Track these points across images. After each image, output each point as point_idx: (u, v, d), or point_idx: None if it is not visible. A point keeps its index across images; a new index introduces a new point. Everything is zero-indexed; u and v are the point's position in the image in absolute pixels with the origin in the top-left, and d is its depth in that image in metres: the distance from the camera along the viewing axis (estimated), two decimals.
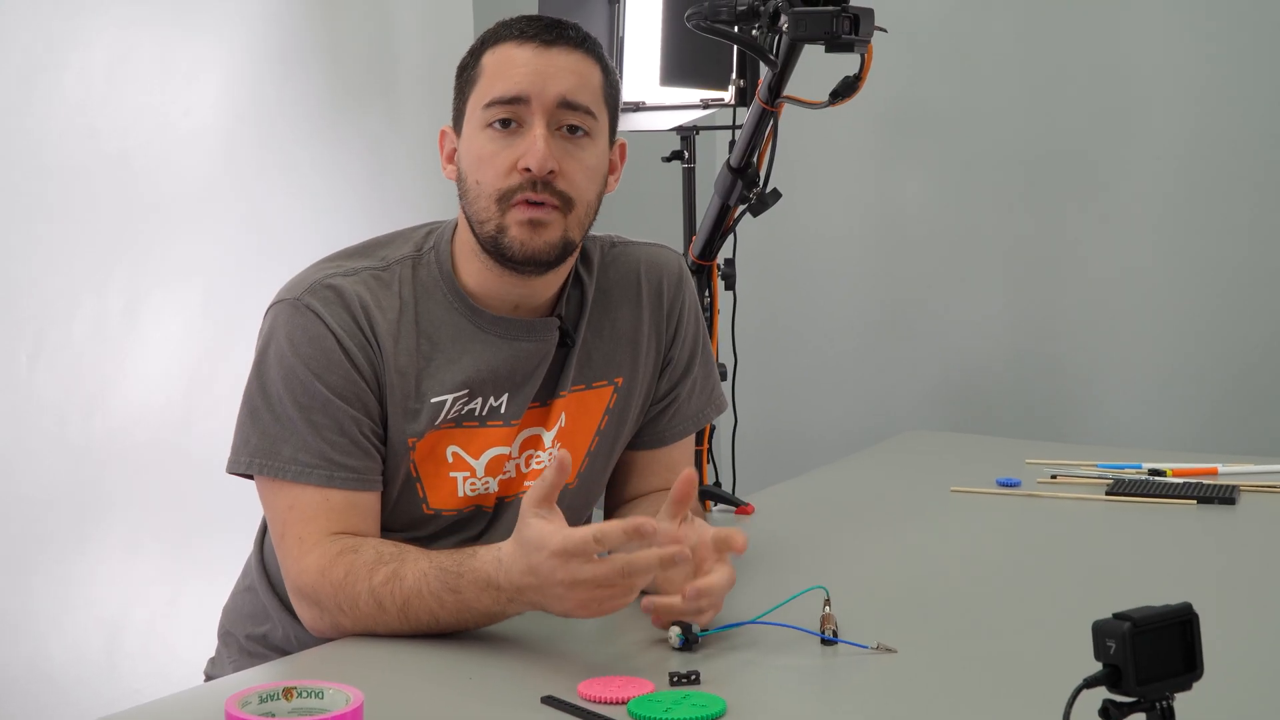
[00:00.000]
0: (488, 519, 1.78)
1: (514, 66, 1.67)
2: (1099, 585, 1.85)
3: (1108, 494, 2.28)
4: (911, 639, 1.63)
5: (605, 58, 1.74)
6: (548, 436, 1.79)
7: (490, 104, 1.67)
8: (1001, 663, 1.56)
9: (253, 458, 1.68)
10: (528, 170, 1.65)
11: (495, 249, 1.69)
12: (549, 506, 1.50)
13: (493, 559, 1.53)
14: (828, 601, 1.60)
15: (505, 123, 1.67)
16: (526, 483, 1.79)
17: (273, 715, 1.22)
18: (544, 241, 1.68)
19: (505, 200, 1.67)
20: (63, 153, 2.75)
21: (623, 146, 1.81)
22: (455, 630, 1.59)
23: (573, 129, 1.68)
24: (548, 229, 1.67)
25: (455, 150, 1.74)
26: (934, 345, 3.86)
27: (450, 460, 1.74)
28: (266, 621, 1.87)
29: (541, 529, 1.48)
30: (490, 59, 1.69)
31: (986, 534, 2.13)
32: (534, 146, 1.65)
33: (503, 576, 1.52)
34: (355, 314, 1.68)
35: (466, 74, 1.72)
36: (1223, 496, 2.24)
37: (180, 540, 2.96)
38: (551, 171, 1.66)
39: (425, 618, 1.57)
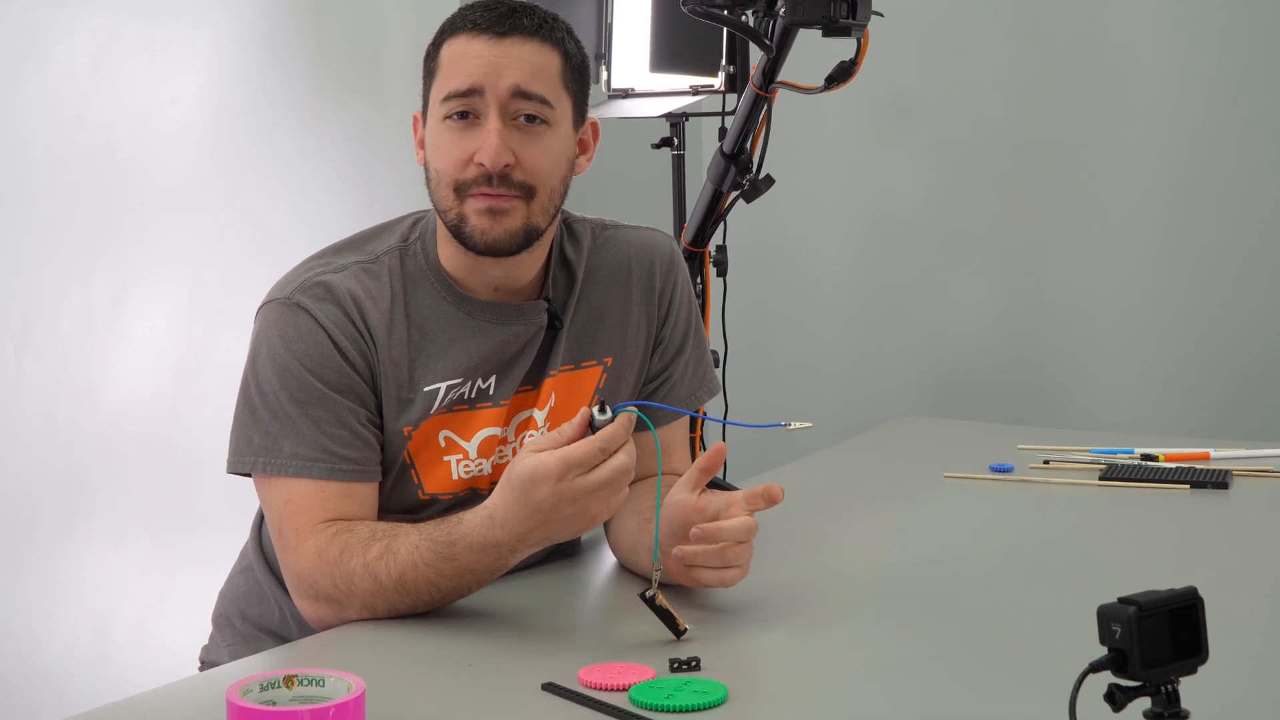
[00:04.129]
0: (482, 500, 1.78)
1: (467, 60, 1.68)
2: (1096, 570, 1.85)
3: (1101, 479, 2.28)
4: (910, 625, 1.63)
5: (566, 39, 1.73)
6: (539, 416, 1.80)
7: (446, 98, 1.68)
8: (1001, 648, 1.56)
9: (256, 457, 1.68)
10: (482, 165, 1.66)
11: (459, 236, 1.71)
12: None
13: (484, 519, 1.54)
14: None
15: (463, 114, 1.68)
16: None
17: (274, 704, 1.21)
18: (504, 230, 1.68)
19: (462, 191, 1.68)
20: (47, 144, 2.73)
21: (594, 125, 1.80)
22: (460, 596, 1.59)
23: (530, 118, 1.69)
24: (508, 217, 1.68)
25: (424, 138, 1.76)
26: (925, 332, 3.86)
27: (443, 445, 1.75)
28: (263, 601, 1.87)
29: (536, 460, 1.49)
30: (447, 51, 1.70)
31: (981, 519, 2.13)
32: (488, 141, 1.66)
33: (499, 533, 1.53)
34: (347, 309, 1.69)
35: (428, 64, 1.73)
36: (1215, 481, 2.24)
37: (168, 532, 2.95)
38: (508, 164, 1.67)
39: (424, 588, 1.57)
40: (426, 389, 1.72)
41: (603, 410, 1.50)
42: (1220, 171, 3.49)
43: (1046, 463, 2.40)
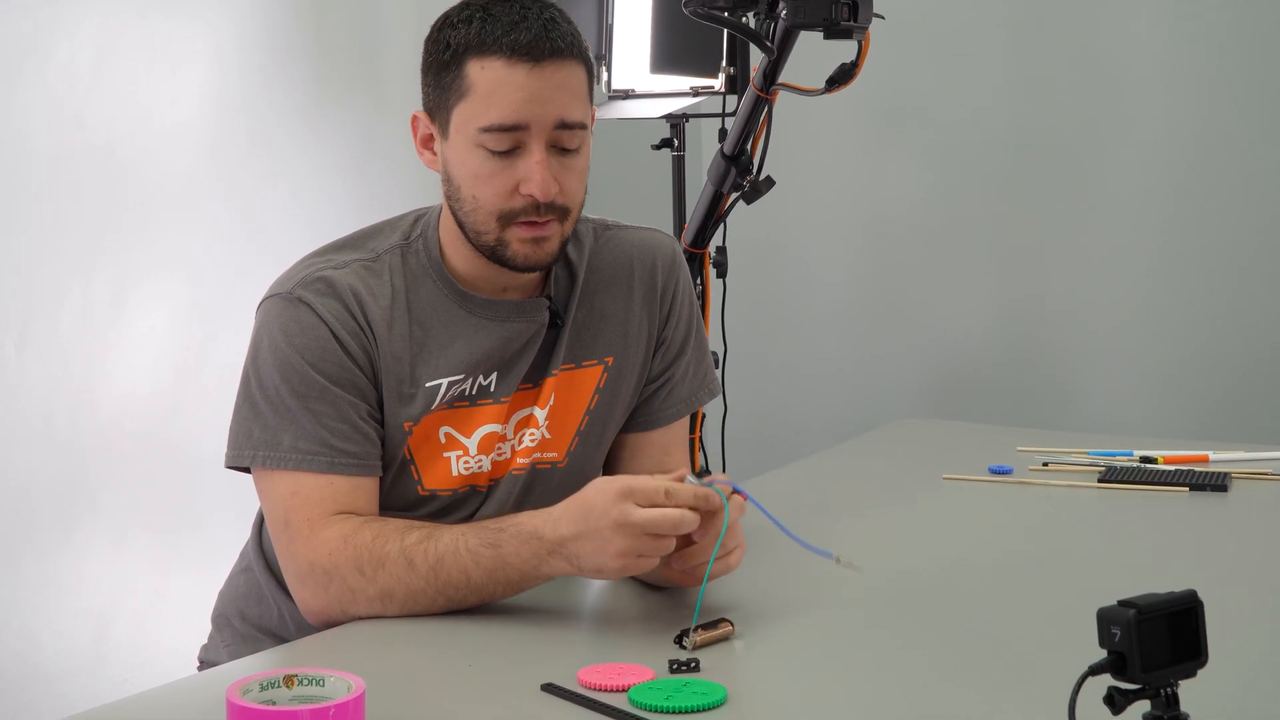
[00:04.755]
0: (481, 499, 1.80)
1: (507, 91, 1.64)
2: (1095, 572, 1.85)
3: (1100, 481, 2.29)
4: (909, 626, 1.63)
5: (584, 48, 1.72)
6: (540, 414, 1.80)
7: (488, 129, 1.65)
8: (1000, 650, 1.56)
9: (256, 450, 1.69)
10: (530, 195, 1.67)
11: (495, 257, 1.71)
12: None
13: (543, 515, 1.58)
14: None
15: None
16: (519, 460, 1.80)
17: (273, 703, 1.21)
18: (546, 253, 1.71)
19: (507, 219, 1.69)
20: (48, 143, 2.73)
21: (593, 113, 1.80)
22: (482, 597, 1.59)
23: (568, 149, 1.69)
24: (549, 241, 1.71)
25: (432, 137, 1.74)
26: (924, 333, 3.86)
27: (444, 441, 1.76)
28: (262, 601, 1.88)
29: (613, 477, 1.55)
30: (479, 75, 1.65)
31: (981, 521, 2.13)
32: (536, 174, 1.66)
33: (549, 528, 1.56)
34: (348, 303, 1.70)
35: (448, 78, 1.68)
36: (1214, 484, 2.24)
37: (168, 531, 2.95)
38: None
39: (457, 576, 1.58)
40: (428, 384, 1.73)
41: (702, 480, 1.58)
42: (1219, 176, 3.50)
43: (1046, 465, 2.40)
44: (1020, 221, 3.74)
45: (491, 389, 1.76)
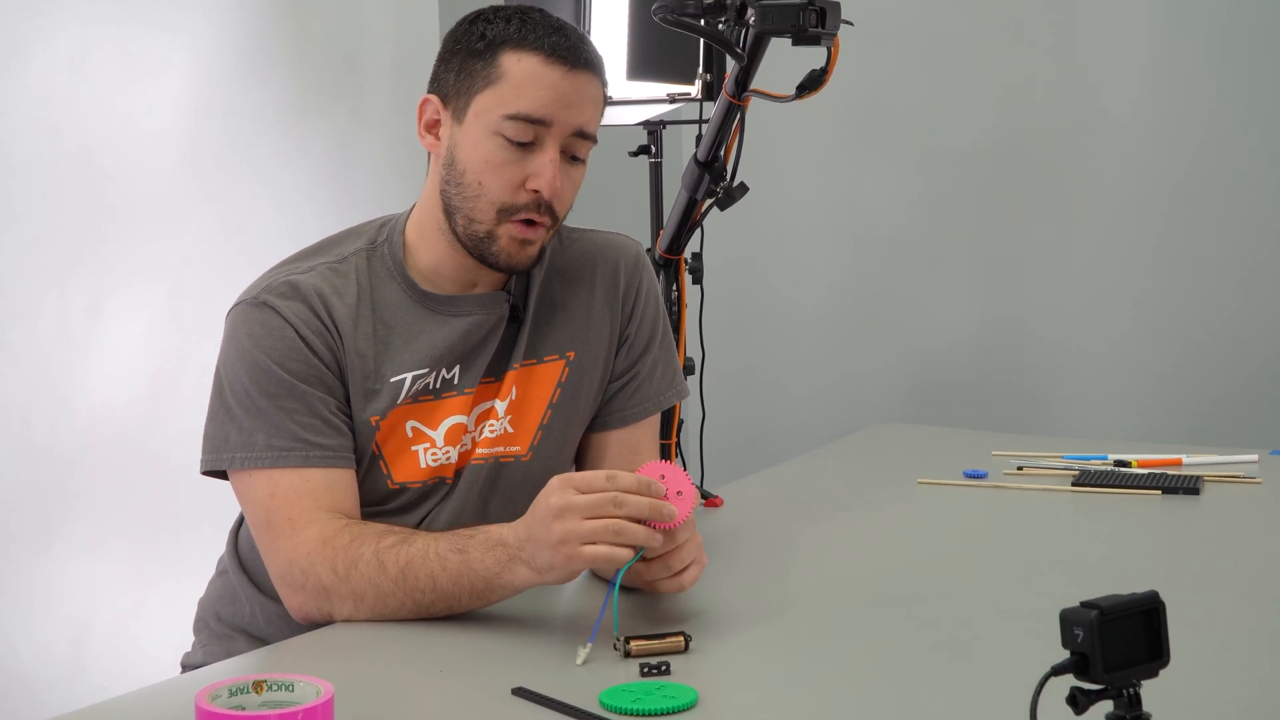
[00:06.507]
0: (448, 489, 1.83)
1: (541, 87, 1.70)
2: (1066, 575, 1.86)
3: (1074, 485, 2.30)
4: (880, 629, 1.64)
5: (605, 74, 1.79)
6: (500, 406, 1.84)
7: (513, 117, 1.70)
8: (970, 652, 1.57)
9: (234, 453, 1.71)
10: (536, 192, 1.72)
11: (477, 250, 1.76)
12: None
13: (510, 524, 1.59)
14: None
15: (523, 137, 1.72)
16: (479, 450, 1.83)
17: (242, 709, 1.22)
18: (528, 255, 1.76)
19: (507, 212, 1.73)
20: (25, 150, 2.73)
21: None
22: (449, 604, 1.60)
23: (575, 157, 1.76)
24: (533, 245, 1.76)
25: (437, 123, 1.77)
26: (901, 339, 3.87)
27: (410, 435, 1.79)
28: (235, 601, 1.90)
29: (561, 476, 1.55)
30: (514, 66, 1.71)
31: (954, 525, 2.15)
32: (547, 171, 1.72)
33: (511, 534, 1.58)
34: (313, 305, 1.74)
35: (477, 64, 1.73)
36: (1187, 487, 2.25)
37: (147, 539, 2.95)
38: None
39: (424, 580, 1.60)
40: (393, 379, 1.76)
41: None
42: (1199, 186, 3.51)
43: (1020, 469, 2.41)
44: (1000, 229, 3.75)
45: (455, 381, 1.80)
